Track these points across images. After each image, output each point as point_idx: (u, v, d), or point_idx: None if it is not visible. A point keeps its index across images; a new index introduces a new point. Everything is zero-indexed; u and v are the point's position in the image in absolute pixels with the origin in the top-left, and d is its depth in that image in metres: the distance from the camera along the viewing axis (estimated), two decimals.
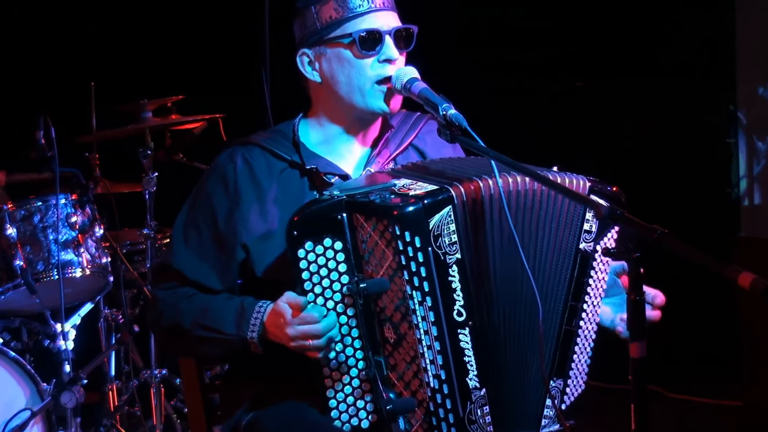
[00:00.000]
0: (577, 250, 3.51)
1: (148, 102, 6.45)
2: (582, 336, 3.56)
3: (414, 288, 3.28)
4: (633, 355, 2.96)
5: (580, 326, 3.55)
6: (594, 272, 3.55)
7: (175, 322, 3.69)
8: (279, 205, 3.68)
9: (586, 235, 3.51)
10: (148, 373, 6.35)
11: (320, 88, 3.77)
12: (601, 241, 3.52)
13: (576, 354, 3.56)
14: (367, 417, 3.43)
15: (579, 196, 3.40)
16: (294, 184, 3.73)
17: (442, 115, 3.46)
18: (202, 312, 3.64)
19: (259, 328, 3.51)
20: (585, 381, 3.63)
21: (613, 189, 3.52)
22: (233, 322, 3.56)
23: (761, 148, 7.77)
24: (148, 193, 6.31)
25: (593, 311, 3.58)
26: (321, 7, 3.67)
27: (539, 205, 3.46)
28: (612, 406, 3.82)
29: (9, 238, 5.58)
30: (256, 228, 3.70)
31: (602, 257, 3.55)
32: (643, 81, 8.03)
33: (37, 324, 5.96)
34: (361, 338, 3.40)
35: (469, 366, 3.35)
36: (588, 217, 3.49)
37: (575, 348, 3.56)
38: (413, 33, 3.73)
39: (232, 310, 3.59)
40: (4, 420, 5.35)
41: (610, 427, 3.94)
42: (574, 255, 3.51)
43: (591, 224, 3.50)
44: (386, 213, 3.29)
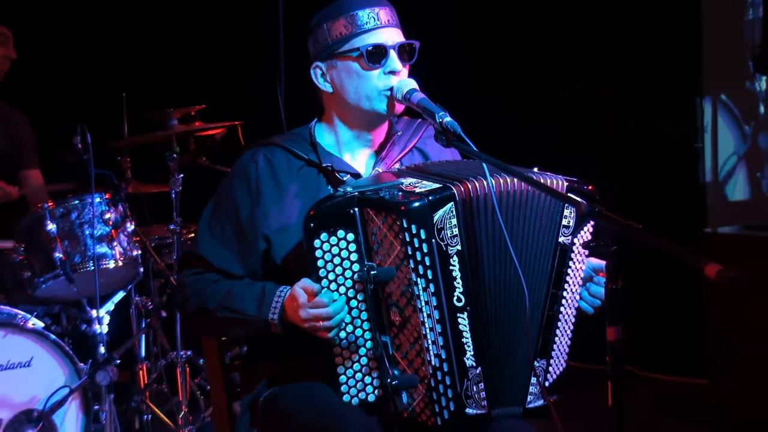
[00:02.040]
0: (556, 243, 3.51)
1: (174, 111, 6.44)
2: (562, 320, 3.56)
3: (419, 275, 3.30)
4: (610, 339, 2.96)
5: (561, 312, 3.55)
6: (572, 263, 3.55)
7: (201, 304, 3.69)
8: (298, 200, 3.69)
9: (565, 229, 3.51)
10: (174, 354, 6.35)
11: (332, 96, 3.78)
12: (578, 234, 3.53)
13: (557, 337, 3.56)
14: (373, 392, 3.44)
15: (562, 195, 3.42)
16: (311, 181, 3.74)
17: (439, 122, 3.49)
18: (225, 295, 3.65)
19: (280, 310, 3.52)
20: (566, 361, 3.62)
21: (588, 188, 3.53)
22: (255, 305, 3.57)
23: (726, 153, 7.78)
24: (174, 193, 6.31)
25: (572, 298, 3.59)
26: (332, 25, 3.69)
27: (525, 203, 3.47)
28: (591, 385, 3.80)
29: (49, 233, 5.58)
30: (276, 220, 3.70)
31: (580, 249, 3.56)
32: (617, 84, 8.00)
33: (75, 310, 5.96)
34: (370, 321, 3.41)
35: (466, 347, 3.36)
36: (566, 213, 3.50)
37: (556, 331, 3.56)
38: (415, 48, 3.75)
39: (253, 293, 3.60)
40: (46, 396, 5.35)
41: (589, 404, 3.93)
42: (554, 248, 3.52)
43: (569, 220, 3.51)
44: (395, 208, 3.32)
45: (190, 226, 6.30)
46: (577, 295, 3.61)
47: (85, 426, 5.47)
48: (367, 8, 3.69)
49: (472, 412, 3.40)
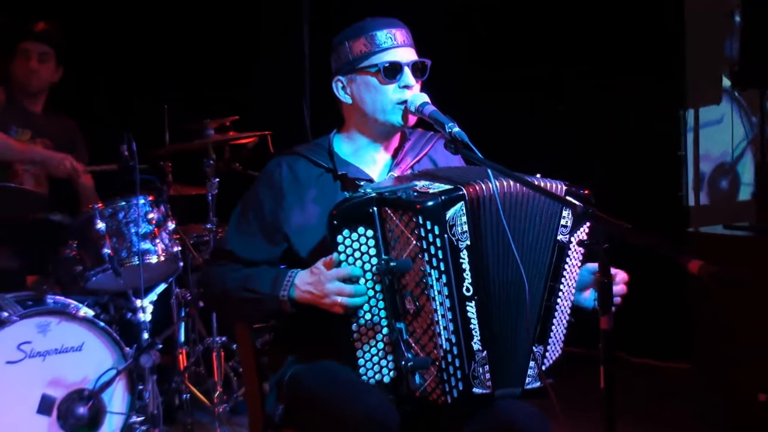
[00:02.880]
0: (555, 240, 3.53)
1: (211, 121, 6.45)
2: (559, 311, 3.58)
3: (432, 267, 3.33)
4: (602, 327, 2.98)
5: (558, 303, 3.57)
6: (569, 259, 3.57)
7: (223, 287, 3.74)
8: (317, 203, 3.73)
9: (563, 228, 3.53)
10: (210, 339, 6.36)
11: (351, 108, 3.82)
12: (575, 233, 3.55)
13: (554, 325, 3.58)
14: (389, 373, 3.46)
15: (559, 198, 3.44)
16: (329, 186, 3.78)
17: (448, 132, 3.53)
18: (245, 278, 3.70)
19: (290, 288, 3.56)
20: (561, 347, 3.64)
21: (584, 192, 3.54)
22: (269, 284, 3.61)
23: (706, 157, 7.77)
24: (210, 195, 6.32)
25: (568, 290, 3.60)
26: (353, 43, 3.74)
27: (526, 204, 3.50)
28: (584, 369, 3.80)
29: (99, 231, 5.59)
30: (297, 221, 3.75)
31: (576, 247, 3.57)
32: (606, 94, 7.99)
33: (122, 300, 5.96)
34: (386, 309, 3.44)
35: (474, 332, 3.39)
36: (564, 214, 3.52)
37: (553, 320, 3.57)
38: (427, 65, 3.79)
39: (269, 275, 3.65)
40: (96, 377, 5.36)
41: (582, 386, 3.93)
42: (552, 245, 3.53)
43: (567, 220, 3.53)
44: (411, 206, 3.35)
45: (224, 226, 6.28)
46: (572, 288, 3.62)
47: (130, 404, 5.48)
48: (385, 29, 3.74)
49: (478, 391, 3.42)
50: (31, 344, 5.27)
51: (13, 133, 6.32)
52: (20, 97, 6.44)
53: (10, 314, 5.22)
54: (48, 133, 6.50)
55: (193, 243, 6.44)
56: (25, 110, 6.43)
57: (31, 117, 6.44)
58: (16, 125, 6.34)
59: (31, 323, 5.28)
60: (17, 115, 6.37)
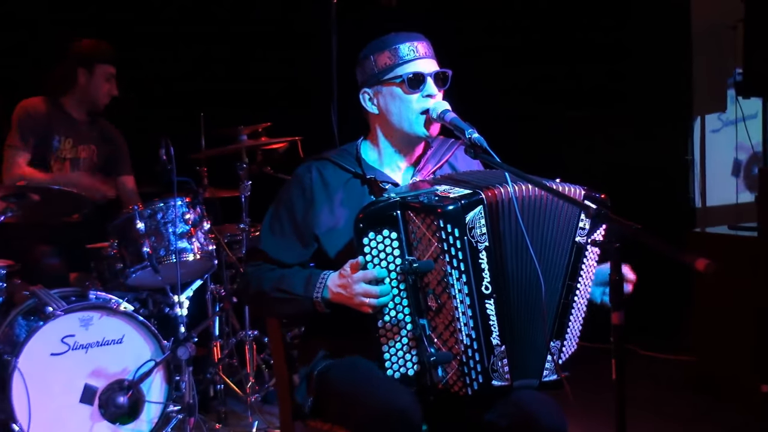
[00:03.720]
0: (573, 242, 3.52)
1: (244, 128, 6.46)
2: (576, 308, 3.56)
3: (453, 267, 3.31)
4: (614, 322, 2.98)
5: (575, 300, 3.55)
6: (586, 259, 3.55)
7: (258, 288, 3.73)
8: (344, 206, 3.73)
9: (581, 231, 3.52)
10: (243, 333, 6.36)
11: (377, 117, 3.81)
12: (592, 235, 3.53)
13: (571, 321, 3.56)
14: (413, 367, 3.45)
15: (571, 199, 3.42)
16: (356, 190, 3.77)
17: (468, 138, 3.54)
18: (279, 279, 3.69)
19: (323, 290, 3.56)
20: (577, 342, 3.62)
21: (601, 196, 3.52)
22: (302, 286, 3.61)
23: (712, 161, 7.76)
24: (243, 197, 6.33)
25: (585, 289, 3.58)
26: (378, 56, 3.74)
27: (544, 207, 3.48)
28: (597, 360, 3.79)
29: (139, 231, 5.60)
30: (326, 223, 3.74)
31: (593, 248, 3.55)
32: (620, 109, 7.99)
33: (160, 296, 5.97)
34: (410, 306, 3.43)
35: (493, 328, 3.37)
36: (583, 217, 3.50)
37: (570, 317, 3.55)
38: (448, 75, 3.78)
39: (302, 276, 3.64)
40: (135, 368, 5.37)
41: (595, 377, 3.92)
42: (571, 245, 3.52)
43: (585, 222, 3.51)
44: (433, 210, 3.33)
45: (256, 225, 6.31)
46: (589, 287, 3.61)
47: (167, 393, 5.49)
48: (407, 42, 3.74)
49: (498, 383, 3.41)
50: (75, 337, 5.29)
51: (56, 142, 6.34)
52: (71, 106, 6.45)
53: (54, 309, 5.24)
54: (90, 140, 6.52)
55: (227, 242, 6.44)
56: (69, 118, 6.44)
57: (75, 124, 6.45)
58: (59, 134, 6.36)
59: (74, 317, 5.30)
60: (61, 124, 6.38)
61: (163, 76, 7.73)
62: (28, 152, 6.23)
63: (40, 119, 6.29)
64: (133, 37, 7.48)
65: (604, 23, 7.94)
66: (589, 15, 7.93)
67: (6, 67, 7.06)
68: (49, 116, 6.33)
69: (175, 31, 7.81)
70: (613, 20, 7.92)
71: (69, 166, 6.41)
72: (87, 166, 6.48)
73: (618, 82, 7.97)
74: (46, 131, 6.30)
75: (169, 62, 7.82)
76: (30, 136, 6.24)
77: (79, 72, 6.39)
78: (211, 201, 6.56)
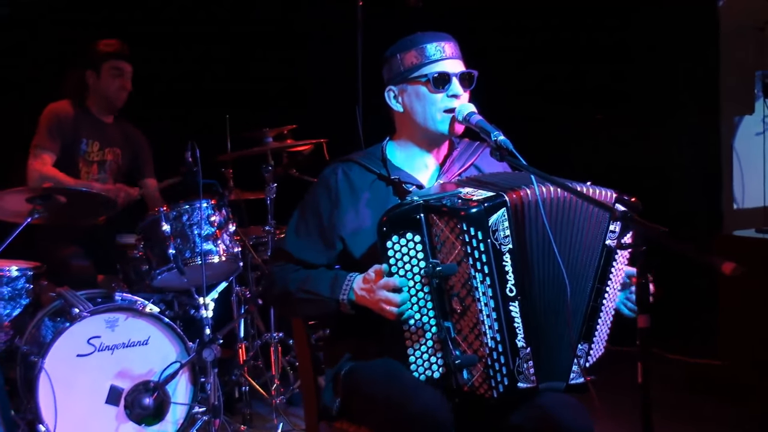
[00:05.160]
0: (603, 245, 3.52)
1: (269, 130, 6.49)
2: (604, 311, 3.57)
3: (477, 270, 3.32)
4: (640, 325, 2.97)
5: (603, 303, 3.55)
6: (615, 263, 3.55)
7: (284, 288, 3.75)
8: (370, 207, 3.74)
9: (611, 234, 3.52)
10: (268, 335, 6.39)
11: (402, 116, 3.83)
12: (623, 239, 3.53)
13: (599, 325, 3.56)
14: (438, 369, 3.45)
15: (596, 201, 3.42)
16: (381, 191, 3.78)
17: (494, 140, 3.53)
18: (304, 280, 3.71)
19: (349, 292, 3.57)
20: (605, 346, 3.62)
21: (632, 199, 3.51)
22: (328, 287, 3.62)
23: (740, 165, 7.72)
24: (269, 199, 6.35)
25: (614, 292, 3.59)
26: (404, 55, 3.76)
27: (571, 210, 3.49)
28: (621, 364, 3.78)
29: (164, 233, 5.62)
30: (351, 224, 3.75)
31: (623, 252, 3.55)
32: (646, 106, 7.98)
33: (185, 297, 6.00)
34: (435, 309, 3.43)
35: (518, 330, 3.37)
36: None
37: (599, 320, 3.56)
38: (474, 76, 3.79)
39: (327, 278, 3.66)
40: (161, 369, 5.39)
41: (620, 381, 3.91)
42: (601, 249, 3.52)
43: (616, 225, 3.51)
44: (456, 213, 3.34)
45: (282, 228, 6.33)
46: (617, 290, 3.61)
47: (193, 395, 5.51)
48: (434, 42, 3.75)
49: (523, 386, 3.41)
50: (101, 338, 5.32)
51: (84, 145, 6.37)
52: (95, 108, 6.49)
53: (81, 310, 5.27)
54: (116, 143, 6.55)
55: (252, 244, 6.47)
56: (96, 121, 6.48)
57: (101, 127, 6.49)
58: (86, 137, 6.39)
59: (100, 319, 5.32)
60: (88, 127, 6.42)
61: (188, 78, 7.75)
62: (55, 153, 6.26)
63: (67, 122, 6.33)
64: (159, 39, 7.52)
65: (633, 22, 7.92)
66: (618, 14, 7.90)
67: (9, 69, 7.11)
68: (76, 119, 6.37)
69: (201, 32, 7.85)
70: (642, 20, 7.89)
71: (96, 169, 6.45)
72: (113, 169, 6.52)
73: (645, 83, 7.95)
74: (73, 134, 6.34)
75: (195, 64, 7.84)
76: (58, 138, 6.28)
77: (87, 75, 6.44)
78: (236, 203, 6.58)
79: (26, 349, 5.35)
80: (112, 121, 6.57)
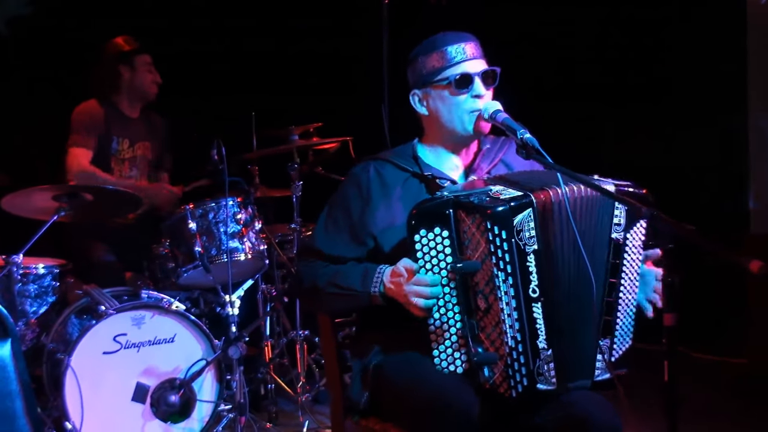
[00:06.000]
0: (610, 239, 3.52)
1: (295, 128, 6.51)
2: (622, 304, 3.55)
3: (500, 269, 3.33)
4: (666, 324, 2.96)
5: (620, 297, 3.54)
6: (627, 255, 3.54)
7: (312, 283, 3.77)
8: (401, 205, 3.75)
9: (616, 227, 3.51)
10: (294, 333, 6.40)
11: (428, 119, 3.84)
12: (630, 230, 3.53)
13: (619, 318, 3.55)
14: (461, 365, 3.46)
15: (625, 200, 3.39)
16: (414, 188, 3.80)
17: (520, 138, 3.53)
18: (333, 274, 3.73)
19: (380, 285, 3.58)
20: (631, 338, 3.61)
21: (643, 191, 3.52)
22: (359, 281, 3.64)
23: None
24: (295, 197, 6.36)
25: (631, 285, 3.57)
26: (426, 59, 3.78)
27: (593, 207, 3.49)
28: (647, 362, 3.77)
29: (190, 231, 5.65)
30: (382, 221, 3.76)
31: (633, 243, 3.55)
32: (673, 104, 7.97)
33: (211, 295, 6.02)
34: (459, 305, 3.45)
35: (539, 332, 3.38)
36: (616, 213, 3.52)
37: (617, 314, 3.54)
38: (497, 73, 3.79)
39: (358, 271, 3.67)
40: (187, 367, 5.41)
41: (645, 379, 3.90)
42: (608, 242, 3.52)
43: (619, 218, 3.52)
44: (482, 211, 3.35)
45: (308, 226, 6.34)
46: (635, 282, 3.59)
47: (219, 392, 5.53)
48: (455, 44, 3.76)
49: (543, 387, 3.42)
50: (127, 336, 5.34)
51: (115, 144, 6.42)
52: (123, 104, 6.52)
53: (107, 308, 5.30)
54: (144, 137, 6.58)
55: (278, 242, 6.47)
56: (123, 117, 6.51)
57: (129, 123, 6.52)
58: (116, 135, 6.43)
59: (126, 316, 5.35)
60: (117, 125, 6.46)
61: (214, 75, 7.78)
62: (92, 150, 6.30)
63: (98, 121, 6.37)
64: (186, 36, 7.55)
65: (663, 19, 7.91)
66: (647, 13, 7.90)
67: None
68: (106, 118, 6.41)
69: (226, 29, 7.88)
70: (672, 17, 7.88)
71: (128, 166, 6.49)
72: (144, 164, 6.57)
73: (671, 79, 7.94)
74: (105, 133, 6.38)
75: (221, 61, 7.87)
76: (93, 135, 6.32)
77: (121, 69, 6.47)
78: (262, 201, 6.60)
79: (53, 347, 5.38)
80: (138, 115, 6.60)
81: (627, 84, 8.07)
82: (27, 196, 5.40)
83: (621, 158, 7.71)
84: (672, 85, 7.98)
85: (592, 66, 8.16)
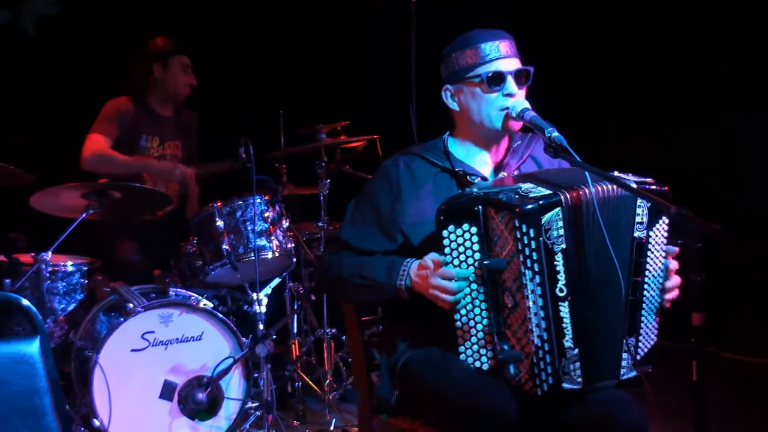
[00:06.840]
0: (632, 237, 3.51)
1: (323, 126, 6.52)
2: (646, 302, 3.55)
3: (527, 268, 3.34)
4: (695, 323, 2.97)
5: (644, 295, 3.54)
6: (650, 253, 3.54)
7: (337, 274, 3.79)
8: (432, 200, 3.75)
9: (639, 225, 3.51)
10: (321, 331, 6.42)
11: (460, 114, 3.86)
12: (652, 228, 3.53)
13: (643, 317, 3.55)
14: (487, 362, 3.48)
15: (655, 199, 3.37)
16: (444, 184, 3.82)
17: (548, 137, 3.56)
18: (359, 266, 3.75)
19: (407, 278, 3.60)
20: (656, 336, 3.62)
21: (664, 188, 3.53)
22: (384, 273, 3.66)
23: None
24: (322, 195, 6.39)
25: (655, 283, 3.57)
26: (460, 55, 3.79)
27: (620, 206, 3.49)
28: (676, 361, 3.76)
29: (218, 229, 5.66)
30: (412, 216, 3.78)
31: (656, 240, 3.55)
32: None
33: (239, 293, 6.03)
34: (487, 301, 3.46)
35: (566, 331, 3.39)
36: (638, 211, 3.51)
37: (642, 312, 3.54)
38: (530, 73, 3.81)
39: (384, 263, 3.70)
40: (214, 364, 5.43)
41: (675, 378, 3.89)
42: (631, 241, 3.51)
43: (642, 216, 3.52)
44: (510, 208, 3.36)
45: (335, 224, 6.36)
46: (658, 279, 3.58)
47: (246, 390, 5.54)
48: (490, 41, 3.77)
49: (568, 386, 3.43)
50: (155, 333, 5.37)
51: (144, 141, 6.44)
52: (155, 102, 6.54)
53: (135, 306, 5.32)
54: (176, 136, 6.61)
55: (305, 240, 6.49)
56: (155, 115, 6.54)
57: (161, 122, 6.55)
58: (146, 133, 6.45)
59: (154, 314, 5.37)
60: (147, 122, 6.48)
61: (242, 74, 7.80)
62: (111, 139, 6.30)
63: (128, 117, 6.39)
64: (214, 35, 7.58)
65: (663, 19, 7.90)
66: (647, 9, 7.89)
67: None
68: (136, 115, 6.43)
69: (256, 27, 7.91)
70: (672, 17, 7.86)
71: None
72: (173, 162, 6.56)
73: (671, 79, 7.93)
74: (133, 130, 6.40)
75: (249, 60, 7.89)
76: (117, 128, 6.33)
77: (154, 68, 6.50)
78: (289, 199, 6.61)
79: (81, 344, 5.41)
80: (171, 114, 6.62)
81: (627, 84, 8.09)
82: (56, 194, 5.42)
83: (621, 158, 7.70)
84: (672, 85, 7.96)
85: (592, 66, 8.18)
